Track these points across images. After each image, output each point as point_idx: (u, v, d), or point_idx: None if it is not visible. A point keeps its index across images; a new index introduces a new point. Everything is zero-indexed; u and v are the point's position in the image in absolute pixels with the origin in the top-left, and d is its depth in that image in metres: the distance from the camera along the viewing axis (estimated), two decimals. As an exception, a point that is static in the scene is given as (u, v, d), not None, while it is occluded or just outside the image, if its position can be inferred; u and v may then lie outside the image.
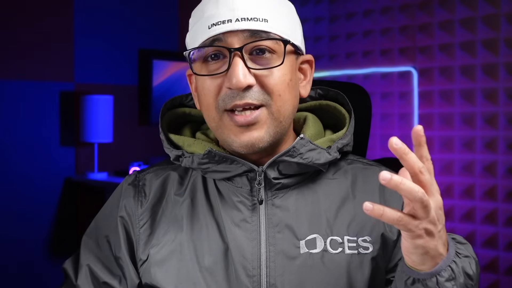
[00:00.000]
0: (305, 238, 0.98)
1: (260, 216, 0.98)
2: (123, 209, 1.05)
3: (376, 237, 0.99)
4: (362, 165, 1.07)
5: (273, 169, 0.98)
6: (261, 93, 0.93)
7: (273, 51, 0.94)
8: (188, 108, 1.12)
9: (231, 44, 0.92)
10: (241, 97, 0.92)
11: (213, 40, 0.93)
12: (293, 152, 0.96)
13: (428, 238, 0.78)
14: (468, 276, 0.85)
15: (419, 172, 0.74)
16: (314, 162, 0.97)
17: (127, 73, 3.76)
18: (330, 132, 1.08)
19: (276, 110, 0.95)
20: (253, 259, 0.96)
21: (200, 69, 0.96)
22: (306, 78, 1.04)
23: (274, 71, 0.94)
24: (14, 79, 3.26)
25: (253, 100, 0.93)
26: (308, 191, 1.01)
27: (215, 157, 0.97)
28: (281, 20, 0.96)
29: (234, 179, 1.00)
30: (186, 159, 1.00)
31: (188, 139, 1.04)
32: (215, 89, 0.94)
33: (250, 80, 0.92)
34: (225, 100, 0.93)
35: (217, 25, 0.92)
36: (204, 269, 0.97)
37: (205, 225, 1.00)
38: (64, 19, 3.46)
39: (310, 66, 1.04)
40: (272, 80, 0.94)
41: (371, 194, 1.03)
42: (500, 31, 2.89)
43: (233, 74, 0.91)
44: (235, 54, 0.92)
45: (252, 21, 0.92)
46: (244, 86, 0.91)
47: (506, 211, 2.90)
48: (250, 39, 0.92)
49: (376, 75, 3.34)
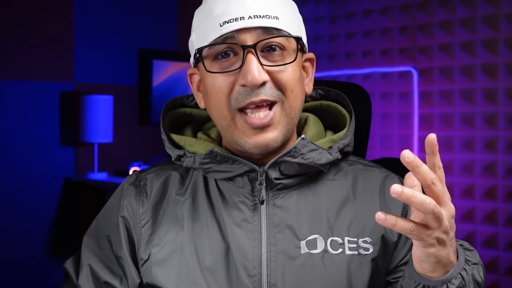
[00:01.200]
0: (306, 239, 0.98)
1: (261, 216, 0.98)
2: (124, 209, 1.05)
3: (376, 238, 0.99)
4: (363, 166, 1.07)
5: (275, 169, 0.98)
6: (274, 89, 0.94)
7: (284, 48, 0.95)
8: (189, 108, 1.12)
9: (244, 41, 0.92)
10: (256, 94, 0.92)
11: (225, 37, 0.93)
12: (295, 152, 0.96)
13: (440, 247, 0.78)
14: (477, 283, 0.85)
15: (431, 183, 0.74)
16: (315, 162, 0.97)
17: (127, 73, 3.76)
18: (330, 132, 1.08)
19: (289, 106, 0.95)
20: (254, 259, 0.97)
21: (210, 67, 0.96)
22: (308, 76, 1.04)
23: (287, 67, 0.94)
24: (14, 79, 3.26)
25: (268, 97, 0.93)
26: (309, 191, 1.01)
27: (216, 157, 0.97)
28: (290, 17, 0.97)
29: (236, 179, 1.00)
30: (188, 159, 1.00)
31: (190, 139, 1.04)
32: (227, 86, 0.94)
33: (265, 76, 0.92)
34: (239, 98, 0.93)
35: (229, 22, 0.92)
36: (205, 268, 0.98)
37: (206, 224, 1.00)
38: (64, 19, 3.46)
39: (312, 64, 1.05)
40: (285, 76, 0.94)
41: (371, 195, 1.03)
42: (500, 31, 2.89)
43: (248, 71, 0.91)
44: (248, 51, 0.92)
45: (265, 18, 0.92)
46: (259, 83, 0.91)
47: (506, 211, 2.90)
48: (263, 36, 0.92)
49: (376, 75, 3.34)
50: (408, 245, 1.01)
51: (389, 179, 1.05)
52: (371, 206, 1.01)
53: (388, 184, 1.04)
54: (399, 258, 1.01)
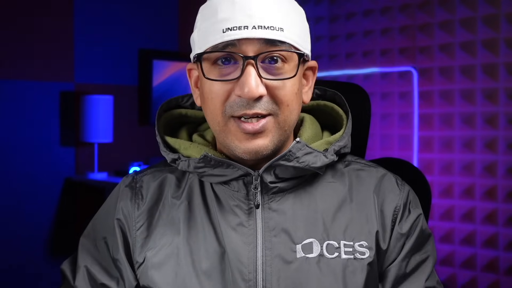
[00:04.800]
0: (302, 242, 0.97)
1: (257, 220, 0.98)
2: (120, 211, 1.04)
3: (372, 242, 0.99)
4: (359, 166, 1.07)
5: (270, 173, 0.97)
6: (270, 103, 0.92)
7: (285, 60, 0.93)
8: (184, 109, 1.11)
9: (245, 51, 0.91)
10: (251, 106, 0.91)
11: (226, 44, 0.91)
12: (289, 156, 0.95)
13: None
14: None
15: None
16: (310, 165, 0.96)
17: (127, 73, 3.76)
18: (328, 133, 1.08)
19: (283, 120, 0.94)
20: (249, 263, 0.96)
21: (208, 70, 0.94)
22: (308, 84, 1.03)
23: (286, 82, 0.93)
24: (14, 79, 3.26)
25: (262, 110, 0.92)
26: (305, 194, 1.01)
27: (211, 161, 0.96)
28: (295, 28, 0.94)
29: (231, 183, 0.99)
30: (182, 163, 1.00)
31: (185, 142, 1.03)
32: (223, 94, 0.93)
33: (262, 90, 0.91)
34: (233, 107, 0.92)
35: (233, 30, 0.90)
36: (201, 272, 0.97)
37: (201, 228, 1.00)
38: (64, 19, 3.46)
39: (313, 72, 1.03)
40: (282, 91, 0.93)
41: (366, 197, 1.02)
42: (500, 31, 2.89)
43: (246, 83, 0.89)
44: (248, 62, 0.90)
45: (269, 29, 0.90)
46: (256, 97, 0.90)
47: (506, 211, 2.90)
48: (265, 48, 0.91)
49: (376, 75, 3.34)
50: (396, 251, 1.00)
51: (386, 178, 1.04)
52: (366, 209, 1.01)
53: (384, 184, 1.03)
54: (386, 265, 1.01)
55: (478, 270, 2.98)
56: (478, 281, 2.98)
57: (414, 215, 1.02)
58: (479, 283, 2.97)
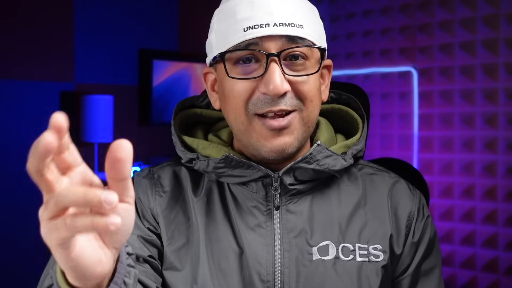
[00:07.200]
0: (318, 245, 0.97)
1: (275, 221, 0.98)
2: (138, 199, 1.00)
3: (386, 246, 0.99)
4: (372, 170, 1.07)
5: (289, 175, 0.97)
6: (294, 98, 0.92)
7: (306, 57, 0.93)
8: (199, 109, 1.10)
9: (267, 49, 0.90)
10: (276, 103, 0.91)
11: (248, 43, 0.91)
12: (310, 158, 0.95)
13: None
14: None
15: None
16: (330, 168, 0.97)
17: (127, 73, 3.76)
18: (341, 136, 1.08)
19: (307, 116, 0.94)
20: (267, 265, 0.96)
21: (230, 71, 0.94)
22: (325, 82, 1.03)
23: (309, 78, 0.93)
24: (14, 79, 3.27)
25: (287, 106, 0.92)
26: (322, 196, 1.01)
27: (231, 162, 0.96)
28: (314, 25, 0.95)
29: (249, 184, 0.99)
30: (201, 162, 0.99)
31: (203, 142, 1.02)
32: (246, 92, 0.93)
33: (287, 86, 0.91)
34: (257, 105, 0.92)
35: (254, 28, 0.90)
36: (219, 271, 0.97)
37: (220, 227, 0.99)
38: (64, 19, 3.46)
39: (329, 71, 1.04)
40: (306, 86, 0.93)
41: (381, 201, 1.03)
42: (500, 31, 2.89)
43: (271, 80, 0.90)
44: (272, 59, 0.90)
45: (290, 26, 0.91)
46: (281, 93, 0.90)
47: (506, 211, 2.90)
48: (286, 45, 0.91)
49: (376, 75, 3.34)
50: (409, 259, 1.01)
51: (398, 184, 1.05)
52: (380, 213, 1.01)
53: (396, 190, 1.04)
54: (400, 270, 1.02)
55: (478, 270, 2.98)
56: (478, 281, 2.98)
57: (426, 217, 1.04)
58: (479, 283, 2.98)
